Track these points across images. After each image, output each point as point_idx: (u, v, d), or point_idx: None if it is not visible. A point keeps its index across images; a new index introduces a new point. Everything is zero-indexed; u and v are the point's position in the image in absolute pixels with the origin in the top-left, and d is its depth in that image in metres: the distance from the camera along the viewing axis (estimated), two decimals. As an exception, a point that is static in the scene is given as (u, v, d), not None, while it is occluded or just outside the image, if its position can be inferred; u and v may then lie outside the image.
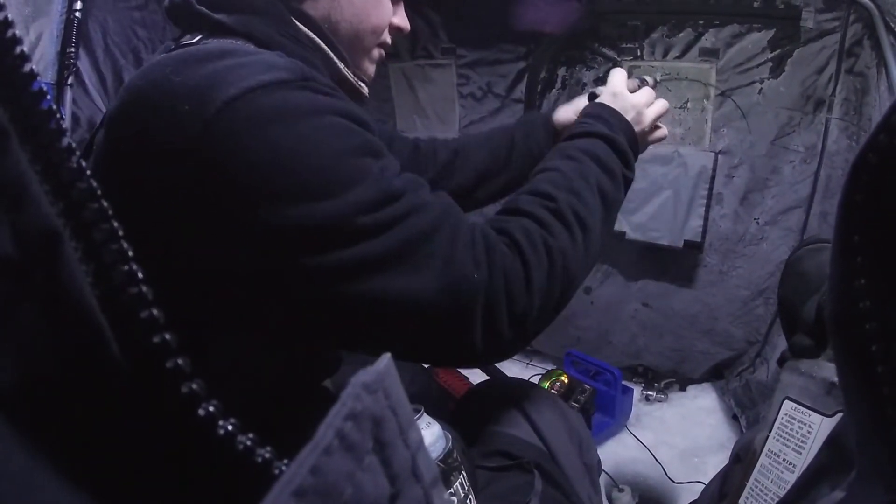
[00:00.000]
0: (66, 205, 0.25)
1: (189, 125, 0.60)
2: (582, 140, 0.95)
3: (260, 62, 0.65)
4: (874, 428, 0.34)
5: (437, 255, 0.67)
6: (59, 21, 1.77)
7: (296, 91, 0.65)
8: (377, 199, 0.65)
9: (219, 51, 0.66)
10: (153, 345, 0.25)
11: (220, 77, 0.62)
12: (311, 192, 0.62)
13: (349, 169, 0.65)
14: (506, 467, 0.98)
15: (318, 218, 0.62)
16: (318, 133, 0.64)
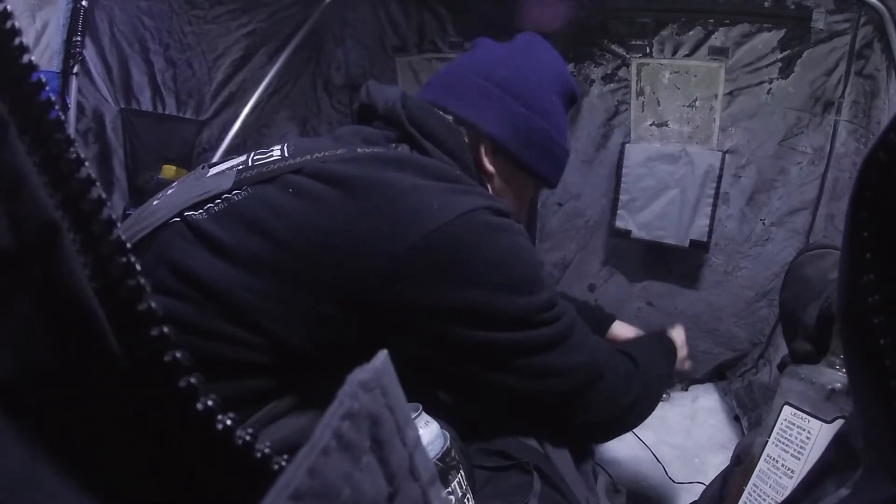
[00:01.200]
0: (65, 196, 0.25)
1: (436, 217, 0.78)
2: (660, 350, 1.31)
3: (483, 192, 0.90)
4: (882, 421, 0.34)
5: (582, 341, 0.94)
6: (65, 10, 1.77)
7: (505, 217, 0.87)
8: (551, 300, 0.89)
9: (454, 174, 0.89)
10: (151, 338, 0.25)
11: (460, 192, 0.84)
12: (518, 287, 0.84)
13: (539, 276, 0.88)
14: (504, 467, 0.98)
15: (519, 306, 0.84)
16: (523, 247, 0.87)
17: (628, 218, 2.26)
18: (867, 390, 0.35)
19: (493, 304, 0.83)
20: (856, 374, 0.37)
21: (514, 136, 1.08)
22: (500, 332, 0.85)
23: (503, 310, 0.84)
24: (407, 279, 0.78)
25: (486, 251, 0.82)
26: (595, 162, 2.35)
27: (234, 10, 2.24)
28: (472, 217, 0.81)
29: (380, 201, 0.78)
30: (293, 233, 0.76)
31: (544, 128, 1.11)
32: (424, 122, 0.99)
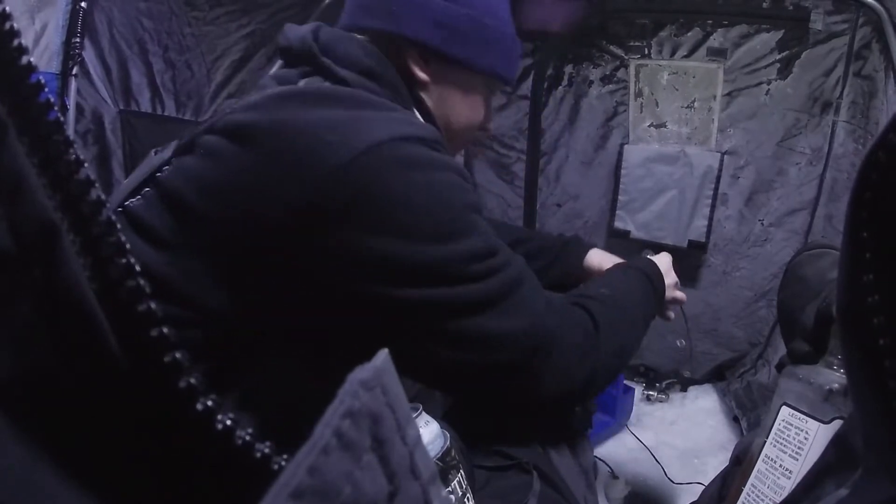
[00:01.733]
0: (64, 197, 0.25)
1: (335, 155, 0.67)
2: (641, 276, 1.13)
3: (404, 118, 0.77)
4: (881, 421, 0.34)
5: (524, 302, 0.79)
6: (64, 11, 1.77)
7: (429, 148, 0.74)
8: (483, 251, 0.75)
9: (359, 97, 0.77)
10: (151, 339, 0.25)
11: (368, 120, 0.72)
12: (435, 234, 0.72)
13: (466, 221, 0.75)
14: (504, 467, 0.97)
15: (436, 257, 0.71)
16: (447, 186, 0.74)
17: (627, 218, 2.27)
18: (866, 390, 0.35)
19: (406, 254, 0.70)
20: (855, 375, 0.37)
21: (439, 34, 0.95)
22: (414, 287, 0.72)
23: (416, 260, 0.71)
24: (308, 231, 0.68)
25: (395, 191, 0.70)
26: (594, 163, 2.36)
27: (233, 12, 2.24)
28: (380, 151, 0.69)
29: (273, 147, 0.70)
30: (200, 197, 0.70)
31: (471, 15, 0.97)
32: (338, 49, 0.89)
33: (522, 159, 2.51)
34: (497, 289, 0.76)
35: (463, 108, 1.04)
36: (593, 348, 0.86)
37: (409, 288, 0.71)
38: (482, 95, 1.08)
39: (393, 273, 0.71)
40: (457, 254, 0.73)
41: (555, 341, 0.81)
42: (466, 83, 1.03)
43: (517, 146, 2.52)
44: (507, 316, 0.77)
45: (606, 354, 0.88)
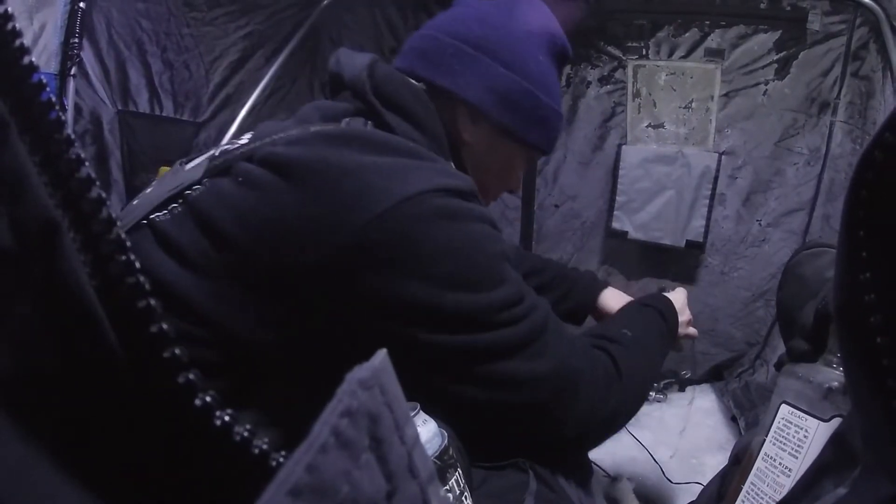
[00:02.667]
0: (65, 195, 0.25)
1: (379, 201, 0.69)
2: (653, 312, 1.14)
3: (444, 170, 0.78)
4: (879, 419, 0.34)
5: (551, 345, 0.81)
6: (62, 11, 1.77)
7: (466, 200, 0.77)
8: (514, 298, 0.78)
9: (408, 148, 0.79)
10: (150, 335, 0.25)
11: (411, 168, 0.74)
12: (470, 283, 0.74)
13: (499, 271, 0.77)
14: (501, 466, 0.97)
15: (470, 305, 0.74)
16: (482, 236, 0.76)
17: (625, 219, 2.27)
18: (864, 389, 0.35)
19: (441, 302, 0.72)
20: (853, 373, 0.37)
21: (493, 100, 0.97)
22: (450, 334, 0.74)
23: (453, 308, 0.73)
24: (346, 274, 0.70)
25: (434, 240, 0.72)
26: (591, 163, 2.36)
27: (231, 12, 2.24)
28: (421, 201, 0.71)
29: (317, 187, 0.71)
30: (238, 226, 0.71)
31: (528, 89, 0.99)
32: (390, 92, 0.89)
33: (521, 159, 2.51)
34: (526, 333, 0.79)
35: (500, 172, 1.08)
36: (616, 390, 0.88)
37: (443, 334, 0.74)
38: (520, 164, 1.11)
39: (428, 318, 0.73)
40: (490, 302, 0.75)
41: (580, 382, 0.84)
42: (508, 151, 1.06)
43: (515, 147, 2.51)
44: (535, 358, 0.79)
45: (626, 394, 0.91)
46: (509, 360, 0.78)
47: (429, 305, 0.72)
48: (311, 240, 0.69)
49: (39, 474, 0.23)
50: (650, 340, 1.06)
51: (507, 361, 0.78)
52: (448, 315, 0.73)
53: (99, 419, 0.26)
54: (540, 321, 0.81)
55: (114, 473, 0.26)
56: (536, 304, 0.82)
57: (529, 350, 0.79)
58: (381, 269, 0.70)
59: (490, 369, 0.77)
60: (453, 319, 0.74)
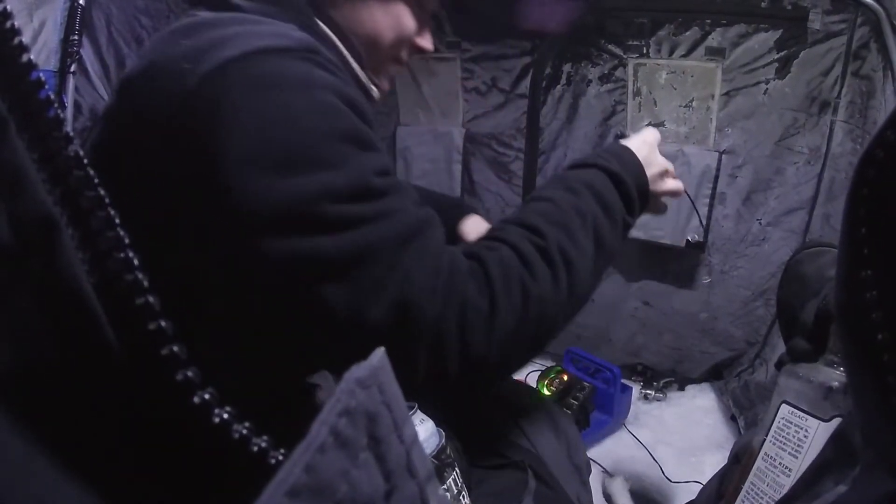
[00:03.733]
0: (64, 192, 0.25)
1: (186, 80, 0.59)
2: (589, 171, 0.86)
3: (269, 31, 0.65)
4: (880, 416, 0.34)
5: (395, 271, 0.62)
6: (62, 9, 1.77)
7: (296, 61, 0.63)
8: (348, 190, 0.61)
9: (230, 18, 0.67)
10: (149, 332, 0.25)
11: (225, 39, 0.62)
12: (280, 164, 0.59)
13: (327, 150, 0.61)
14: (499, 465, 0.98)
15: (281, 193, 0.59)
16: (305, 107, 0.62)
17: (625, 217, 2.26)
18: (865, 386, 0.35)
19: (247, 188, 0.58)
20: (854, 370, 0.37)
21: None
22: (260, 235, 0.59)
23: (259, 197, 0.59)
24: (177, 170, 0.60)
25: (242, 113, 0.59)
26: (592, 162, 2.36)
27: (231, 10, 2.23)
28: (228, 70, 0.60)
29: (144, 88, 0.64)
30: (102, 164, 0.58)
31: None
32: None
33: (521, 158, 2.51)
34: (361, 246, 0.61)
35: (380, 19, 0.87)
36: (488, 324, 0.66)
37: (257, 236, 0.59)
38: (406, 5, 0.89)
39: (240, 214, 0.59)
40: (306, 188, 0.60)
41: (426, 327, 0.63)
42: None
43: (515, 145, 2.51)
44: (367, 288, 0.61)
45: (515, 319, 0.67)
46: (330, 282, 0.60)
47: (239, 195, 0.59)
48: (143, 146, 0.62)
49: (38, 469, 0.23)
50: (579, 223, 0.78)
51: (326, 284, 0.60)
52: (258, 206, 0.59)
53: (97, 416, 0.26)
54: (387, 235, 0.62)
55: (112, 470, 0.26)
56: (392, 211, 0.64)
57: (360, 273, 0.61)
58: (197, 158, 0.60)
59: (309, 293, 0.60)
60: (265, 212, 0.59)
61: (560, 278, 0.71)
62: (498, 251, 0.71)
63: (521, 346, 0.69)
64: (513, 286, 0.68)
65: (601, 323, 2.49)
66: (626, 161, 0.90)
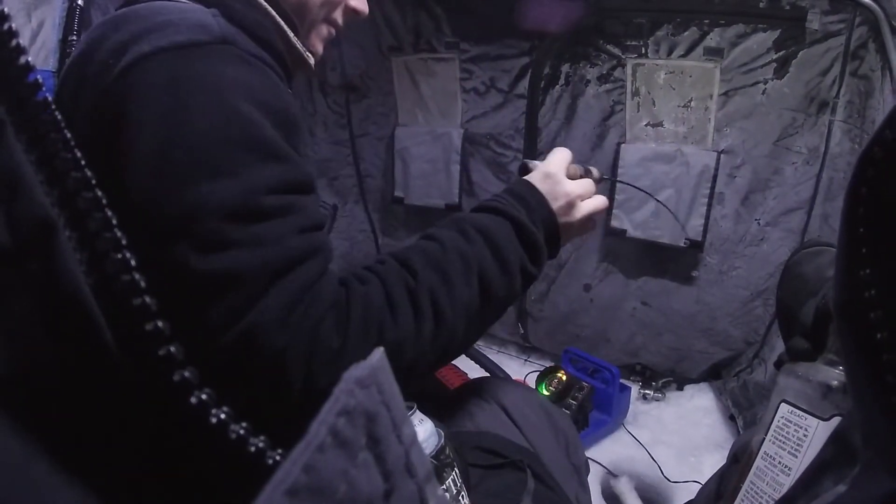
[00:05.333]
0: (61, 193, 0.25)
1: (106, 75, 0.61)
2: (486, 216, 0.84)
3: (189, 21, 0.65)
4: (879, 415, 0.34)
5: (253, 302, 0.61)
6: (61, 8, 1.77)
7: (210, 59, 0.63)
8: (231, 207, 0.60)
9: (159, 6, 0.67)
10: (146, 332, 0.25)
11: (145, 32, 0.62)
12: (174, 169, 0.59)
13: (222, 159, 0.61)
14: (498, 465, 0.98)
15: (169, 201, 0.59)
16: (208, 111, 0.61)
17: (623, 217, 2.27)
18: (864, 385, 0.35)
19: (142, 185, 0.59)
20: (853, 369, 0.37)
21: None
22: (151, 237, 0.58)
23: (151, 199, 0.59)
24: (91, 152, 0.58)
25: (142, 114, 0.60)
26: (590, 162, 2.35)
27: (229, 10, 2.23)
28: (139, 68, 0.61)
29: (72, 81, 0.66)
30: None
31: None
32: None
33: (519, 158, 2.50)
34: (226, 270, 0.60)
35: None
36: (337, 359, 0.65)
37: (147, 237, 0.57)
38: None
39: (138, 213, 0.59)
40: (192, 201, 0.59)
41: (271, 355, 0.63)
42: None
43: (514, 145, 2.51)
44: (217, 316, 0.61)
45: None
46: (199, 301, 0.60)
47: (138, 201, 0.59)
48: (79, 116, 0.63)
49: (36, 469, 0.23)
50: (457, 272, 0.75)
51: (197, 302, 0.60)
52: (149, 209, 0.59)
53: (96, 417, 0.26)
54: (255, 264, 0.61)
55: (111, 471, 0.26)
56: (275, 238, 0.62)
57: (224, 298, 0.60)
58: (111, 147, 0.61)
59: (187, 306, 0.60)
60: (153, 217, 0.59)
61: (424, 324, 0.71)
62: (368, 286, 0.70)
63: None
64: (370, 327, 0.67)
65: (600, 323, 2.49)
66: (529, 202, 0.88)
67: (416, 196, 2.72)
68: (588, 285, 2.47)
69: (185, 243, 0.59)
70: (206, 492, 0.29)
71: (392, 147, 2.74)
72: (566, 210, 0.91)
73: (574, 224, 0.93)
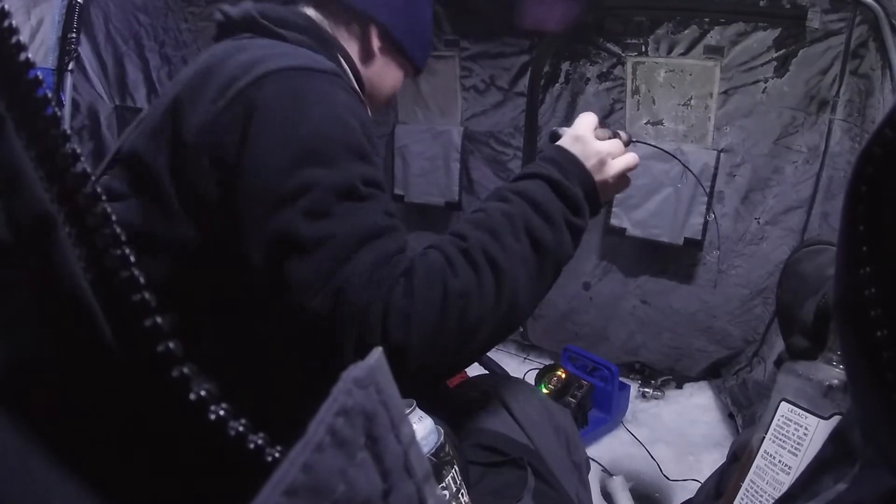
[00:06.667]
0: (60, 189, 0.25)
1: (238, 82, 0.76)
2: (523, 182, 0.92)
3: (305, 55, 0.83)
4: (879, 413, 0.34)
5: (345, 264, 0.73)
6: (60, 6, 1.77)
7: (323, 81, 0.80)
8: (336, 186, 0.74)
9: (274, 43, 0.88)
10: (144, 328, 0.25)
11: (271, 57, 0.79)
12: (294, 157, 0.74)
13: (332, 154, 0.76)
14: (498, 463, 0.98)
15: (288, 178, 0.73)
16: (324, 117, 0.77)
17: (623, 216, 2.27)
18: (864, 383, 0.35)
19: (267, 166, 0.74)
20: (853, 367, 0.37)
21: (396, 19, 1.05)
22: (266, 208, 0.74)
23: (272, 177, 0.74)
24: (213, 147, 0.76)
25: (275, 113, 0.75)
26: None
27: (229, 8, 2.23)
28: (269, 77, 0.76)
29: (200, 81, 0.79)
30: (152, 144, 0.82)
31: (416, 11, 1.09)
32: (275, 14, 0.94)
33: (519, 156, 2.51)
34: (323, 233, 0.73)
35: (391, 81, 1.12)
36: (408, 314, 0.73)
37: (260, 208, 0.74)
38: (402, 76, 1.15)
39: (254, 190, 0.75)
40: (306, 179, 0.74)
41: (354, 314, 0.73)
42: (399, 63, 1.11)
43: (514, 143, 2.52)
44: (317, 274, 0.73)
45: (435, 312, 0.74)
46: (296, 260, 0.73)
47: (255, 177, 0.74)
48: (190, 124, 0.77)
49: (34, 467, 0.23)
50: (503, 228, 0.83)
51: (293, 262, 0.73)
52: (270, 185, 0.74)
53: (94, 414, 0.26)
54: (354, 230, 0.74)
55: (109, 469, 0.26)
56: (366, 213, 0.76)
57: (321, 257, 0.73)
58: (234, 138, 0.75)
59: (279, 267, 0.73)
60: (272, 191, 0.74)
61: (483, 276, 0.78)
62: (427, 255, 0.80)
63: (444, 338, 0.75)
64: (434, 282, 0.75)
65: (599, 321, 2.50)
66: (561, 163, 0.94)
67: (416, 194, 2.72)
68: (587, 283, 2.48)
69: (294, 210, 0.73)
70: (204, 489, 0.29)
71: (392, 145, 2.74)
72: (599, 168, 0.97)
73: (609, 181, 0.98)
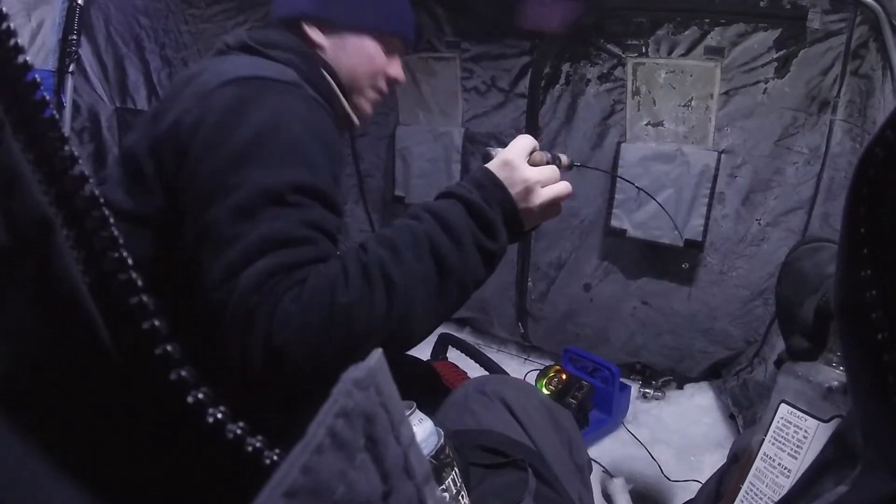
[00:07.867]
0: (59, 192, 0.25)
1: (207, 87, 0.88)
2: (439, 200, 0.91)
3: (267, 66, 0.96)
4: (880, 415, 0.34)
5: (247, 259, 0.77)
6: (60, 8, 1.77)
7: (270, 88, 0.89)
8: (266, 189, 0.80)
9: (252, 58, 1.01)
10: (142, 331, 0.25)
11: (239, 67, 0.92)
12: (230, 157, 0.82)
13: (263, 155, 0.82)
14: (500, 465, 0.97)
15: (222, 174, 0.81)
16: (259, 120, 0.84)
17: (623, 217, 2.27)
18: (865, 385, 0.35)
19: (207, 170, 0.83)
20: (854, 369, 0.37)
21: (313, 5, 1.14)
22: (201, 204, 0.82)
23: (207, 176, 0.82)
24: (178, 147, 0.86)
25: (222, 116, 0.85)
26: (591, 161, 2.36)
27: (229, 9, 2.23)
28: (235, 83, 0.88)
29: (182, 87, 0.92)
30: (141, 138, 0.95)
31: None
32: (262, 37, 1.06)
33: (519, 157, 2.50)
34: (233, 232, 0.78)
35: (358, 60, 1.18)
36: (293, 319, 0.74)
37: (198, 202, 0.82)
38: (380, 49, 1.20)
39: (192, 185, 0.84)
40: (234, 181, 0.80)
41: (237, 310, 0.75)
42: (356, 40, 1.17)
43: (514, 144, 2.51)
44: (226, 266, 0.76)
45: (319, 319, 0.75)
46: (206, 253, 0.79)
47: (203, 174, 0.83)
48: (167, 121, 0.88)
49: (33, 468, 0.23)
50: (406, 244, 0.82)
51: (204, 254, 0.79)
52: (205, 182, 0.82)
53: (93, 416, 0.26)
54: (262, 236, 0.77)
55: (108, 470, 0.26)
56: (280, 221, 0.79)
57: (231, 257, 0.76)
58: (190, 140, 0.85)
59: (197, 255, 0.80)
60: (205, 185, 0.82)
61: (376, 290, 0.78)
62: (327, 266, 0.80)
63: (327, 347, 0.75)
64: (324, 292, 0.76)
65: (600, 322, 2.49)
66: (484, 185, 0.93)
67: (417, 195, 2.72)
68: (588, 285, 2.47)
69: (222, 206, 0.78)
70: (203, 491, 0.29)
71: (393, 146, 2.74)
72: (524, 195, 0.94)
73: (534, 209, 0.95)
